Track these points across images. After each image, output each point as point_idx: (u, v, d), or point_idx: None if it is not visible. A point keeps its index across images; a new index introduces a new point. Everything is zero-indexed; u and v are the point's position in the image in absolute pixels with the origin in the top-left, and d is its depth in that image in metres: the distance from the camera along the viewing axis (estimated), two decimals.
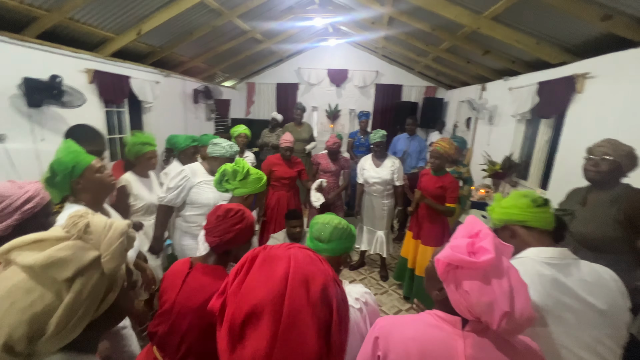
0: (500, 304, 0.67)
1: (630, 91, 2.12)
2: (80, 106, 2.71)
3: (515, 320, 0.67)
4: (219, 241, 1.12)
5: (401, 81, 6.67)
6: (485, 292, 0.69)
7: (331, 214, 1.16)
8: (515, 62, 3.51)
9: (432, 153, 2.59)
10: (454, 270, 0.74)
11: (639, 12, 1.94)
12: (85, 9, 2.60)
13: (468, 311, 0.72)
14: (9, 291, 0.51)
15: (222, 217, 1.15)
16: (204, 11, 3.41)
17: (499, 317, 0.67)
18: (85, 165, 1.29)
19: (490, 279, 0.69)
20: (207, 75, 5.48)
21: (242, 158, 3.49)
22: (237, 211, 1.17)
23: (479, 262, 0.69)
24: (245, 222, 1.17)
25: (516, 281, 0.71)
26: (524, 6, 2.41)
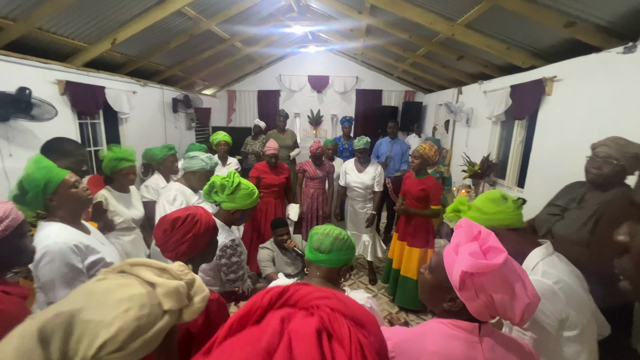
0: (520, 298, 0.70)
1: (594, 93, 2.26)
2: (51, 119, 2.59)
3: (532, 308, 0.70)
4: (175, 256, 1.05)
5: (381, 86, 6.81)
6: (506, 290, 0.70)
7: (331, 225, 1.14)
8: (488, 66, 3.66)
9: (413, 153, 2.66)
10: (470, 278, 0.72)
11: (599, 20, 2.08)
12: (54, 18, 2.50)
13: (489, 313, 0.72)
14: (129, 298, 0.54)
15: (169, 230, 1.06)
16: (182, 20, 3.36)
17: (520, 310, 0.69)
18: (59, 180, 1.21)
19: (506, 276, 0.71)
20: (187, 83, 5.39)
21: (227, 165, 3.47)
22: (186, 218, 1.08)
23: (500, 263, 0.70)
24: (198, 227, 1.08)
25: (521, 271, 0.74)
26: (494, 14, 2.53)
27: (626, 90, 2.00)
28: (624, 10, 1.90)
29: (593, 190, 1.50)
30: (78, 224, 1.29)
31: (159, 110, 4.62)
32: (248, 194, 1.56)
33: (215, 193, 1.56)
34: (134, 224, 1.99)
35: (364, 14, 3.64)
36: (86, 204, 1.33)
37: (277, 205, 3.15)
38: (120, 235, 1.93)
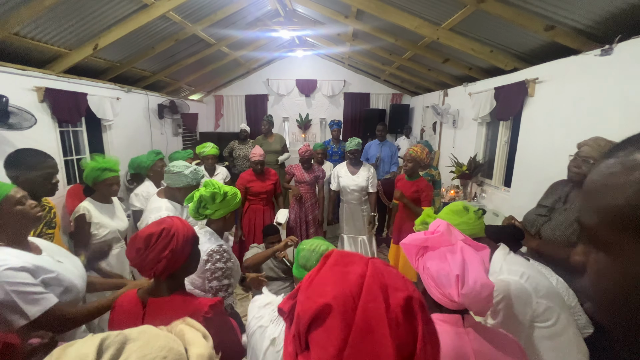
0: (452, 270, 0.78)
1: (574, 94, 2.34)
2: (30, 127, 2.50)
3: (469, 285, 0.76)
4: (153, 273, 0.97)
5: (368, 89, 6.87)
6: (442, 266, 0.80)
7: (319, 239, 1.11)
8: (473, 69, 3.74)
9: (405, 157, 2.68)
10: (421, 257, 0.86)
11: (577, 23, 2.15)
12: (32, 24, 2.41)
13: (437, 291, 0.81)
14: (170, 349, 0.54)
15: (143, 248, 0.96)
16: (167, 24, 3.30)
17: (454, 282, 0.77)
18: (2, 197, 1.08)
19: (445, 255, 0.82)
20: (172, 89, 5.30)
21: (215, 175, 3.41)
22: (160, 233, 0.98)
23: (429, 237, 0.85)
24: (175, 241, 0.98)
25: (469, 256, 0.81)
26: (477, 18, 2.59)
27: (604, 90, 2.08)
28: (601, 14, 1.98)
29: (577, 189, 1.54)
30: (23, 244, 1.15)
31: (144, 117, 4.52)
32: (234, 194, 1.55)
33: (204, 208, 1.48)
34: (120, 235, 1.92)
35: (351, 18, 3.67)
36: (35, 221, 1.18)
37: (266, 212, 3.11)
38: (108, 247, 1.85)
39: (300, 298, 0.45)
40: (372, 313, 0.40)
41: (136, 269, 1.04)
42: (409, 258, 0.90)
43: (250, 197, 3.09)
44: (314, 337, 0.41)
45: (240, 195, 1.61)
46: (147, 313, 0.99)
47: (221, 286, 1.39)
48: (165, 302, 0.99)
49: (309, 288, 0.44)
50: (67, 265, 1.22)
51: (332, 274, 0.45)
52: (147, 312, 0.99)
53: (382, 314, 0.40)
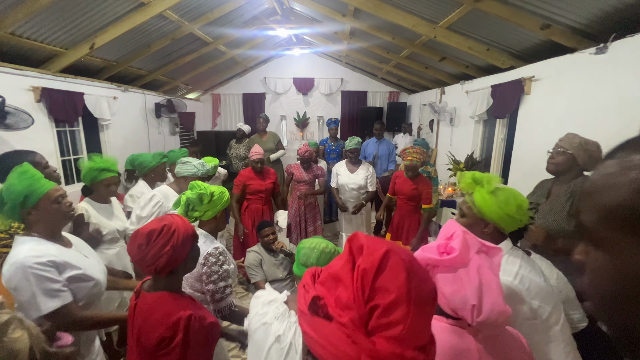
0: (469, 298, 0.73)
1: (569, 91, 2.37)
2: (27, 128, 2.48)
3: (485, 314, 0.72)
4: (154, 269, 0.98)
5: (366, 87, 6.88)
6: (455, 287, 0.75)
7: (319, 237, 1.12)
8: (469, 67, 3.76)
9: (407, 167, 2.70)
10: (432, 270, 0.79)
11: (573, 22, 2.18)
12: (28, 23, 2.40)
13: (448, 308, 0.77)
14: None
15: (145, 244, 0.97)
16: (163, 23, 3.29)
17: (469, 310, 0.73)
18: (42, 194, 1.15)
19: (461, 276, 0.75)
20: (169, 88, 5.28)
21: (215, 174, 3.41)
22: (162, 230, 1.00)
23: (444, 259, 0.77)
24: (176, 238, 1.00)
25: (487, 279, 0.76)
26: (474, 17, 2.61)
27: (599, 88, 2.10)
28: (596, 13, 2.00)
29: (557, 183, 1.69)
30: (57, 237, 1.23)
31: (141, 116, 4.50)
32: (221, 192, 1.52)
33: (192, 210, 1.47)
34: (119, 235, 1.92)
35: (348, 17, 3.67)
36: (67, 219, 1.27)
37: (265, 211, 3.11)
38: (105, 248, 1.85)
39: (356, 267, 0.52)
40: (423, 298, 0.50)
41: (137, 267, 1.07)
42: None
43: (249, 195, 3.08)
44: (383, 279, 0.49)
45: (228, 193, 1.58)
46: (137, 304, 1.03)
47: (217, 289, 1.38)
48: (152, 297, 1.02)
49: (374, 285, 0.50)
50: (92, 261, 1.30)
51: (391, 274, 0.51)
52: (137, 303, 1.04)
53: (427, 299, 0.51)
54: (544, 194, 1.72)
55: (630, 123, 1.86)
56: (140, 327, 0.99)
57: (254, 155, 3.01)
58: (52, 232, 1.20)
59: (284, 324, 0.91)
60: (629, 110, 1.88)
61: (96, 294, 1.24)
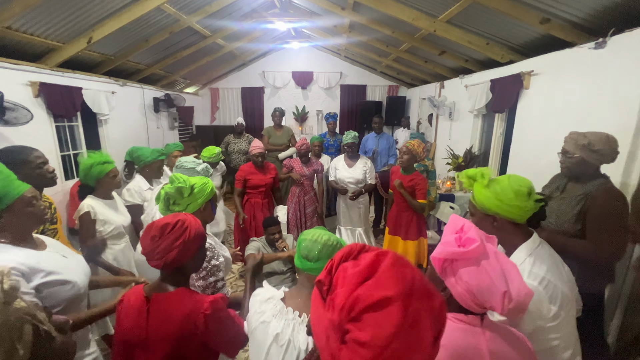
0: (498, 286, 0.72)
1: (568, 86, 2.37)
2: (26, 123, 2.48)
3: (515, 299, 0.72)
4: (162, 263, 1.00)
5: (365, 81, 6.86)
6: (482, 278, 0.73)
7: (321, 228, 1.09)
8: (469, 61, 3.76)
9: (401, 149, 2.70)
10: (450, 265, 0.78)
11: (572, 16, 2.18)
12: (25, 17, 2.37)
13: (473, 302, 0.75)
14: None
15: (158, 236, 1.00)
16: (161, 16, 3.26)
17: (500, 298, 0.72)
18: (15, 196, 1.07)
19: (483, 265, 0.75)
20: (167, 82, 5.25)
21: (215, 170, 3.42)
22: (175, 224, 1.03)
23: (469, 250, 0.75)
24: (188, 233, 1.03)
25: (506, 263, 0.77)
26: (474, 10, 2.60)
27: (597, 82, 2.11)
28: (596, 8, 2.00)
29: (573, 181, 1.61)
30: (27, 241, 1.14)
31: (139, 111, 4.49)
32: (203, 183, 1.48)
33: (174, 204, 1.44)
34: (125, 230, 1.94)
35: (347, 10, 3.65)
36: (41, 223, 1.20)
37: (265, 205, 3.12)
38: (112, 244, 1.86)
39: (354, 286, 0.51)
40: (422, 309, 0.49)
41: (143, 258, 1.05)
42: (436, 268, 0.82)
43: (249, 190, 3.10)
44: (371, 318, 0.47)
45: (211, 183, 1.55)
46: (150, 308, 1.01)
47: (208, 284, 1.38)
48: (168, 297, 1.02)
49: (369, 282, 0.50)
50: (71, 262, 1.23)
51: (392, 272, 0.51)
52: (150, 308, 1.01)
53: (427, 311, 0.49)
54: (560, 188, 1.64)
55: (628, 117, 1.88)
56: (161, 327, 0.98)
57: (255, 150, 3.02)
58: (21, 237, 1.12)
59: (281, 322, 0.92)
60: (627, 104, 1.89)
61: (74, 297, 1.15)
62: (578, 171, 1.54)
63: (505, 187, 1.03)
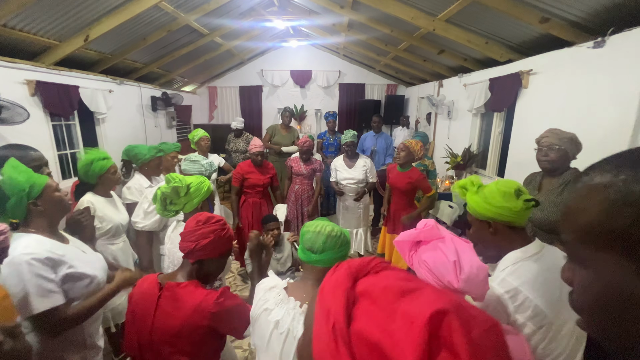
0: (449, 257, 0.81)
1: (567, 85, 2.38)
2: (23, 122, 2.46)
3: (467, 270, 0.79)
4: (194, 246, 1.05)
5: (363, 80, 6.85)
6: (437, 255, 0.83)
7: (323, 220, 1.07)
8: (468, 60, 3.76)
9: (399, 146, 2.70)
10: (414, 250, 0.90)
11: (571, 15, 2.18)
12: (21, 15, 2.35)
13: (436, 282, 0.83)
14: None
15: (202, 222, 1.09)
16: (158, 15, 3.23)
17: (452, 269, 0.79)
18: (43, 183, 1.14)
19: (439, 246, 0.86)
20: (165, 81, 5.22)
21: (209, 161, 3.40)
22: (219, 220, 1.13)
23: (421, 230, 0.88)
24: (225, 232, 1.12)
25: (459, 244, 0.85)
26: (473, 9, 2.60)
27: (596, 82, 2.12)
28: (595, 7, 2.00)
29: (547, 177, 1.75)
30: (55, 233, 1.21)
31: (137, 109, 4.46)
32: (199, 182, 1.48)
33: (171, 204, 1.45)
34: (122, 229, 1.92)
35: (346, 8, 3.63)
36: (66, 210, 1.25)
37: (263, 204, 3.10)
38: (109, 243, 1.85)
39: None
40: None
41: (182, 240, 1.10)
42: (403, 256, 0.92)
43: (246, 189, 3.08)
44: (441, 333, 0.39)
45: (208, 182, 1.56)
46: (162, 295, 1.05)
47: None
48: (179, 287, 1.05)
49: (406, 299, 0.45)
50: (91, 257, 1.28)
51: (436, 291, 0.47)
52: (162, 294, 1.05)
53: None
54: (535, 187, 1.77)
55: (627, 116, 1.88)
56: (169, 315, 1.02)
57: (254, 148, 2.99)
58: (51, 227, 1.18)
59: (282, 310, 0.93)
60: (626, 103, 1.90)
61: (93, 292, 1.20)
62: (559, 163, 1.66)
63: (493, 190, 1.04)
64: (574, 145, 1.65)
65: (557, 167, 1.69)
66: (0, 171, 1.14)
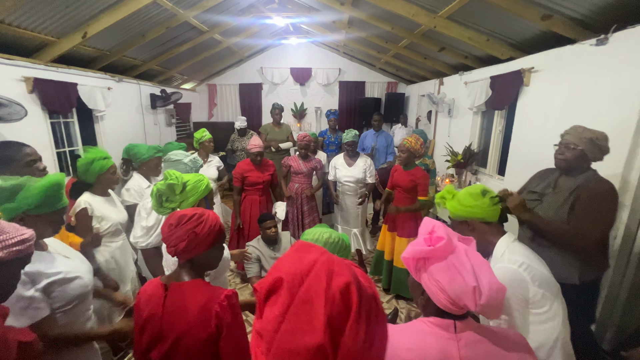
0: (468, 281, 0.73)
1: (569, 83, 2.36)
2: (20, 119, 2.44)
3: (486, 294, 0.73)
4: (174, 251, 1.04)
5: (364, 78, 6.81)
6: (452, 274, 0.75)
7: (323, 226, 1.10)
8: (469, 57, 3.73)
9: (399, 147, 2.70)
10: (423, 265, 0.81)
11: (574, 13, 2.15)
12: (18, 11, 2.32)
13: (447, 301, 0.76)
14: None
15: (174, 225, 1.05)
16: (158, 11, 3.21)
17: (471, 293, 0.73)
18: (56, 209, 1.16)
19: (453, 262, 0.77)
20: (164, 78, 5.19)
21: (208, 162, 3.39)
22: (192, 216, 1.06)
23: (436, 248, 0.78)
24: (203, 226, 1.05)
25: (477, 261, 0.78)
26: (474, 6, 2.57)
27: (599, 80, 2.10)
28: (598, 4, 1.98)
29: (564, 175, 1.66)
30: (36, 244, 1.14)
31: (136, 107, 4.44)
32: (197, 180, 1.46)
33: (167, 201, 1.44)
34: (122, 228, 1.91)
35: (347, 5, 3.61)
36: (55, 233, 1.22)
37: (262, 202, 3.11)
38: (109, 242, 1.84)
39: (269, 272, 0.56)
40: (314, 289, 0.49)
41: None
42: (409, 269, 0.85)
43: (246, 187, 3.08)
44: (268, 303, 0.50)
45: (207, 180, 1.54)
46: (168, 296, 1.03)
47: None
48: (186, 285, 1.04)
49: (273, 266, 0.55)
50: (75, 261, 1.24)
51: (290, 256, 0.55)
52: (168, 295, 1.03)
53: (321, 291, 0.48)
54: (551, 185, 1.68)
55: (629, 115, 1.87)
56: (177, 314, 1.00)
57: (254, 148, 3.00)
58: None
59: None
60: (629, 101, 1.88)
61: (82, 294, 1.18)
62: (575, 164, 1.58)
63: (464, 194, 1.26)
64: (595, 147, 1.54)
65: (573, 167, 1.60)
66: None
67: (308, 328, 0.46)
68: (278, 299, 0.49)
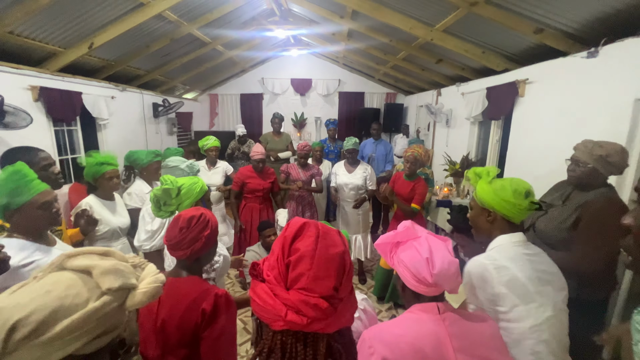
0: (422, 254, 0.86)
1: (562, 94, 2.42)
2: (26, 127, 2.49)
3: (438, 265, 0.84)
4: (190, 253, 1.07)
5: (363, 88, 6.93)
6: (413, 254, 0.88)
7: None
8: (465, 69, 3.82)
9: (407, 158, 2.72)
10: (394, 253, 0.94)
11: (565, 26, 2.23)
12: (27, 22, 2.40)
13: (412, 279, 0.87)
14: (53, 282, 0.52)
15: (185, 228, 1.08)
16: (162, 23, 3.30)
17: (425, 263, 0.85)
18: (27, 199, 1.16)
19: (414, 245, 0.90)
20: (167, 88, 5.28)
21: (215, 167, 3.44)
22: (200, 216, 1.11)
23: (398, 232, 0.93)
24: (211, 226, 1.12)
25: (433, 243, 0.90)
26: (470, 20, 2.66)
27: (590, 90, 2.16)
28: (588, 18, 2.06)
29: (578, 190, 1.57)
30: (42, 237, 1.23)
31: (139, 116, 4.50)
32: (192, 183, 1.51)
33: (164, 205, 1.49)
34: (121, 232, 1.94)
35: (346, 18, 3.71)
36: (53, 225, 1.27)
37: (262, 210, 3.12)
38: (105, 245, 1.87)
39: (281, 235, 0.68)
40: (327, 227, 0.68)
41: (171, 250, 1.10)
42: (385, 257, 0.98)
43: (246, 194, 3.10)
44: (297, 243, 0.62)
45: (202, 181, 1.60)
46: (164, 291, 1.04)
47: None
48: (182, 281, 1.07)
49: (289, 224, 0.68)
50: None
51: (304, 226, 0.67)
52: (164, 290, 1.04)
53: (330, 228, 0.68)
54: (562, 197, 1.61)
55: (620, 124, 1.92)
56: (170, 311, 1.02)
57: (256, 155, 3.03)
58: (36, 234, 1.20)
59: None
60: (619, 111, 1.93)
61: None
62: (587, 181, 1.50)
63: (506, 185, 1.12)
64: (605, 164, 1.44)
65: (585, 183, 1.52)
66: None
67: (333, 244, 0.63)
68: (307, 233, 0.63)
